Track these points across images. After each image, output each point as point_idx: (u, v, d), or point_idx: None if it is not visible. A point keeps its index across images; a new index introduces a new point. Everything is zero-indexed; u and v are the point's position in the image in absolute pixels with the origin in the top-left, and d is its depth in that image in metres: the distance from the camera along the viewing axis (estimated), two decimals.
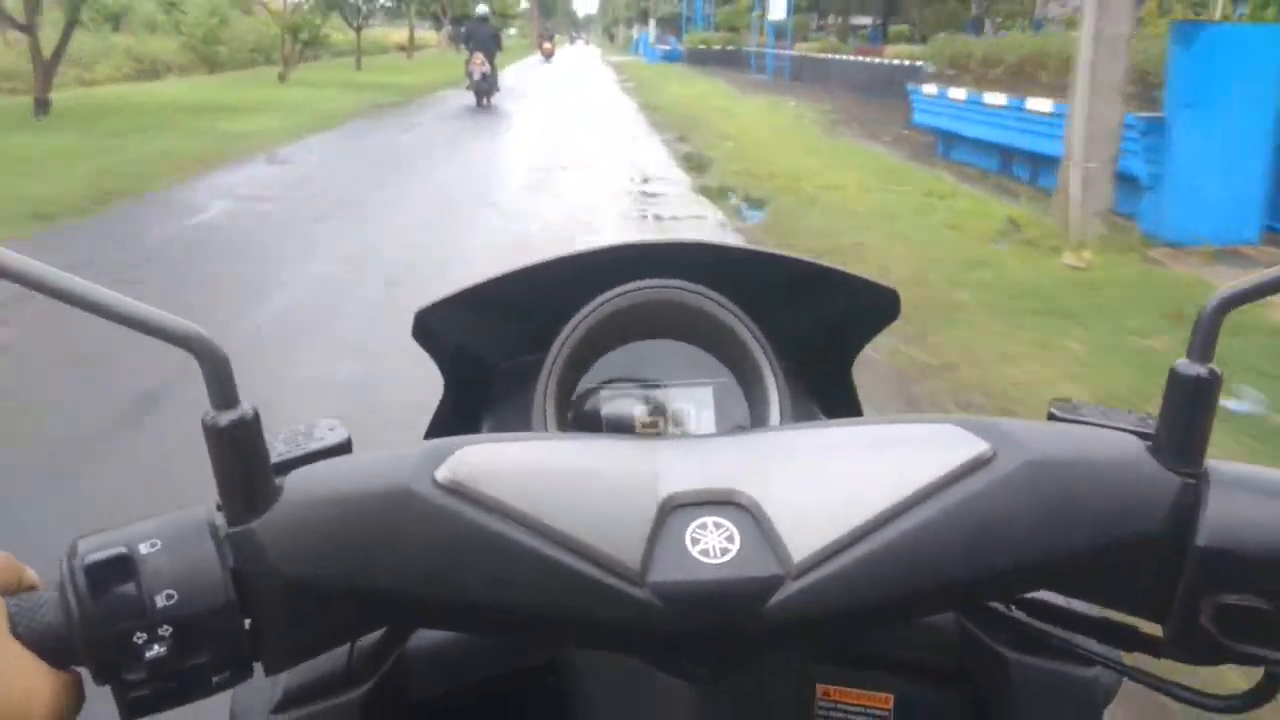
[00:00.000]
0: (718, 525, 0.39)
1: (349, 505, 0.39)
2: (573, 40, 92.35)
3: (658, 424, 0.67)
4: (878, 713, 0.56)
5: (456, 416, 0.71)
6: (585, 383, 0.66)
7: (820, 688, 0.56)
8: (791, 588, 0.38)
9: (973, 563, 0.38)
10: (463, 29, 17.88)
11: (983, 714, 0.55)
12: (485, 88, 15.15)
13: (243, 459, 0.38)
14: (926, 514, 0.38)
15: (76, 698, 0.38)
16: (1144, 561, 0.40)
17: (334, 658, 0.50)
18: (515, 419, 0.65)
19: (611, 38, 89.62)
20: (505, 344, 0.71)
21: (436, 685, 0.55)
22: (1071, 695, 0.52)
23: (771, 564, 0.38)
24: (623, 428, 0.66)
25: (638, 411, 0.67)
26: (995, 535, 0.38)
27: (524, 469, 0.40)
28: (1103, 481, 0.39)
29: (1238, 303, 0.39)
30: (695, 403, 0.67)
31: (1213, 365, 0.39)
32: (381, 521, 0.38)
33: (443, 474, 0.39)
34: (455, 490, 0.38)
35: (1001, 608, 0.51)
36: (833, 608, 0.38)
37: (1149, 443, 0.41)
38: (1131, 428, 0.43)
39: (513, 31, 68.08)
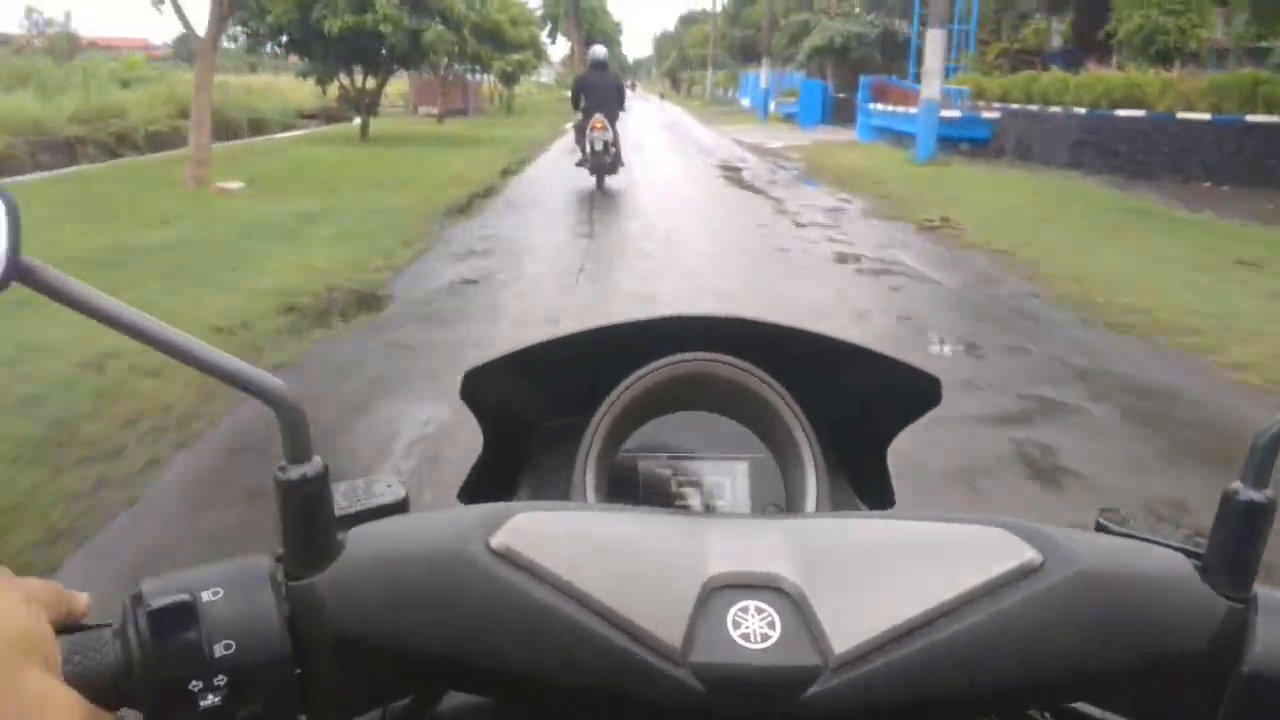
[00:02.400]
0: (759, 610, 0.39)
1: (408, 566, 0.39)
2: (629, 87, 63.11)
3: (692, 497, 0.67)
4: None
5: (493, 474, 0.72)
6: (624, 450, 0.67)
7: None
8: (831, 680, 0.38)
9: (1015, 672, 0.38)
10: (576, 80, 11.57)
11: None
12: (605, 162, 10.21)
13: (309, 514, 0.39)
14: (972, 620, 0.38)
15: None
16: (1187, 683, 0.40)
17: (367, 716, 0.50)
18: (553, 480, 0.66)
19: (676, 84, 77.60)
20: (547, 405, 0.72)
21: None
22: None
23: (812, 654, 0.38)
24: (659, 498, 0.66)
25: (674, 483, 0.67)
26: (1040, 646, 0.38)
27: (574, 539, 0.41)
28: (1151, 600, 0.39)
29: None
30: (731, 477, 0.68)
31: (1268, 491, 0.39)
32: (438, 584, 0.39)
33: (498, 540, 0.39)
34: (508, 557, 0.39)
35: (1038, 715, 0.51)
36: (871, 704, 0.38)
37: (1198, 562, 0.41)
38: (1180, 544, 0.43)
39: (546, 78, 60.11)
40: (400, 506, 0.46)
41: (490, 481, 0.72)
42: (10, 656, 0.34)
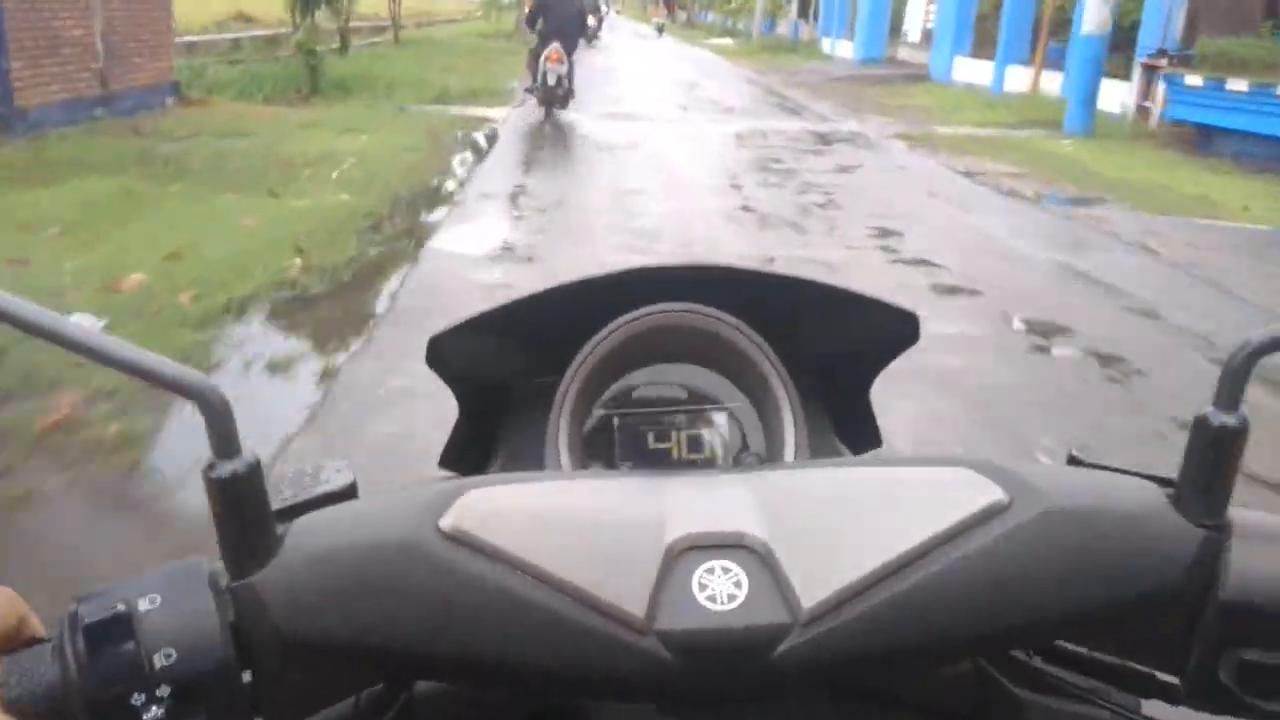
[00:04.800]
0: (725, 570, 0.38)
1: (351, 557, 0.38)
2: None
3: (671, 450, 0.65)
4: None
5: (472, 439, 0.71)
6: (600, 408, 0.66)
7: None
8: (800, 636, 0.37)
9: (986, 614, 0.38)
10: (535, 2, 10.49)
11: None
12: (557, 95, 9.95)
13: (244, 510, 0.38)
14: (939, 564, 0.37)
15: None
16: (1163, 614, 0.39)
17: (338, 707, 0.49)
18: (531, 442, 0.65)
19: (670, 6, 46.51)
20: (521, 366, 0.71)
21: None
22: None
23: (780, 611, 0.37)
24: (637, 453, 0.65)
25: (651, 437, 0.65)
26: (1010, 587, 0.37)
27: (529, 513, 0.40)
28: (1122, 533, 0.39)
29: (1267, 351, 0.38)
30: (710, 427, 0.66)
31: (1240, 414, 0.39)
32: (384, 575, 0.37)
33: (447, 522, 0.38)
34: (459, 539, 0.38)
35: (1021, 654, 0.51)
36: (842, 656, 0.37)
37: (1170, 490, 0.40)
38: (1152, 474, 0.42)
39: None
40: (347, 493, 0.44)
41: (469, 447, 0.71)
42: None
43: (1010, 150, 9.69)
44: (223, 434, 0.37)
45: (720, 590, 0.38)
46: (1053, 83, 13.73)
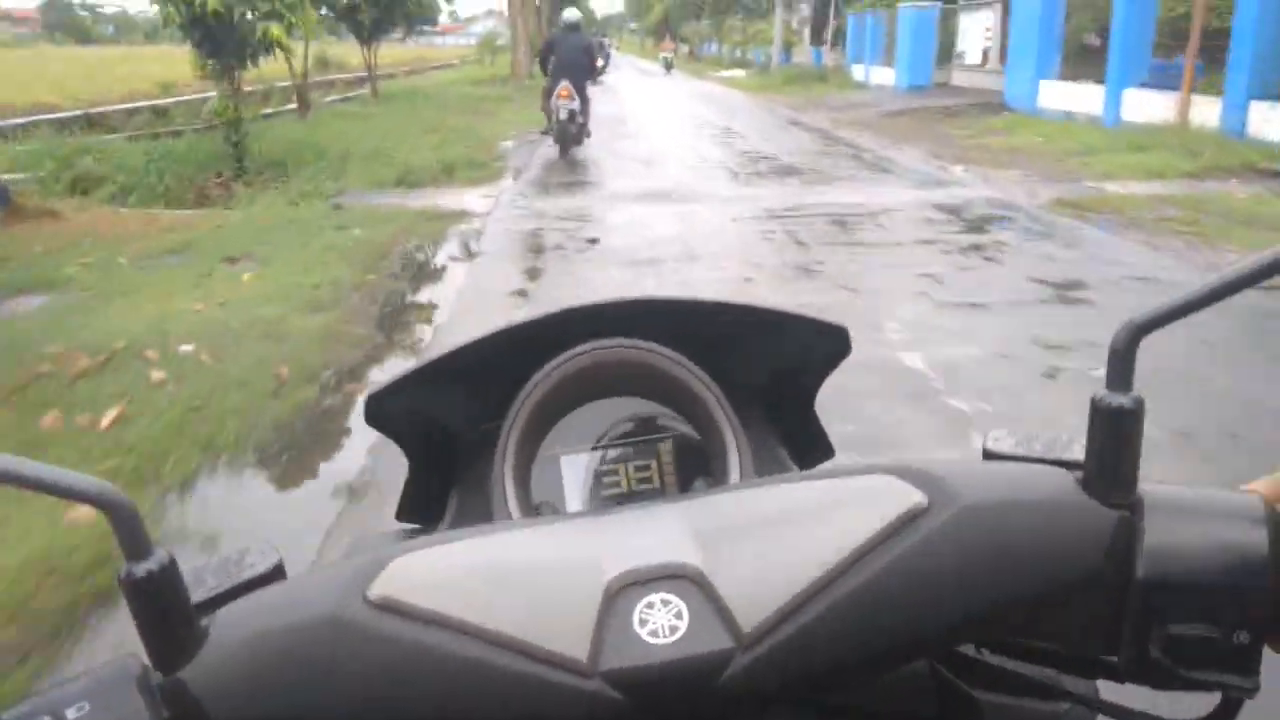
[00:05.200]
0: (665, 602, 0.38)
1: (279, 640, 0.37)
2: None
3: (619, 484, 0.67)
4: None
5: (423, 491, 0.72)
6: (545, 449, 0.66)
7: None
8: (743, 660, 0.37)
9: (919, 617, 0.38)
10: (544, 42, 11.19)
11: None
12: (571, 132, 9.99)
13: (163, 607, 0.37)
14: (867, 572, 0.38)
15: None
16: (1088, 598, 0.39)
17: None
18: (479, 490, 0.65)
19: (673, 38, 45.22)
20: (465, 414, 0.71)
21: None
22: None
23: (722, 637, 0.37)
24: (586, 490, 0.66)
25: (598, 474, 0.67)
26: (937, 587, 0.38)
27: (462, 572, 0.39)
28: (1037, 523, 0.39)
29: (1150, 329, 0.39)
30: (655, 458, 0.68)
31: (1134, 393, 0.40)
32: (313, 653, 0.36)
33: (375, 592, 0.37)
34: (388, 608, 0.37)
35: (970, 650, 0.50)
36: (787, 675, 0.37)
37: (1080, 473, 0.41)
38: (1063, 458, 0.44)
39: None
40: (273, 575, 0.44)
41: (421, 500, 0.72)
42: None
43: None
44: (132, 536, 0.37)
45: (661, 623, 0.37)
46: (1205, 109, 10.39)
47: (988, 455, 0.47)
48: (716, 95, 22.86)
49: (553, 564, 0.39)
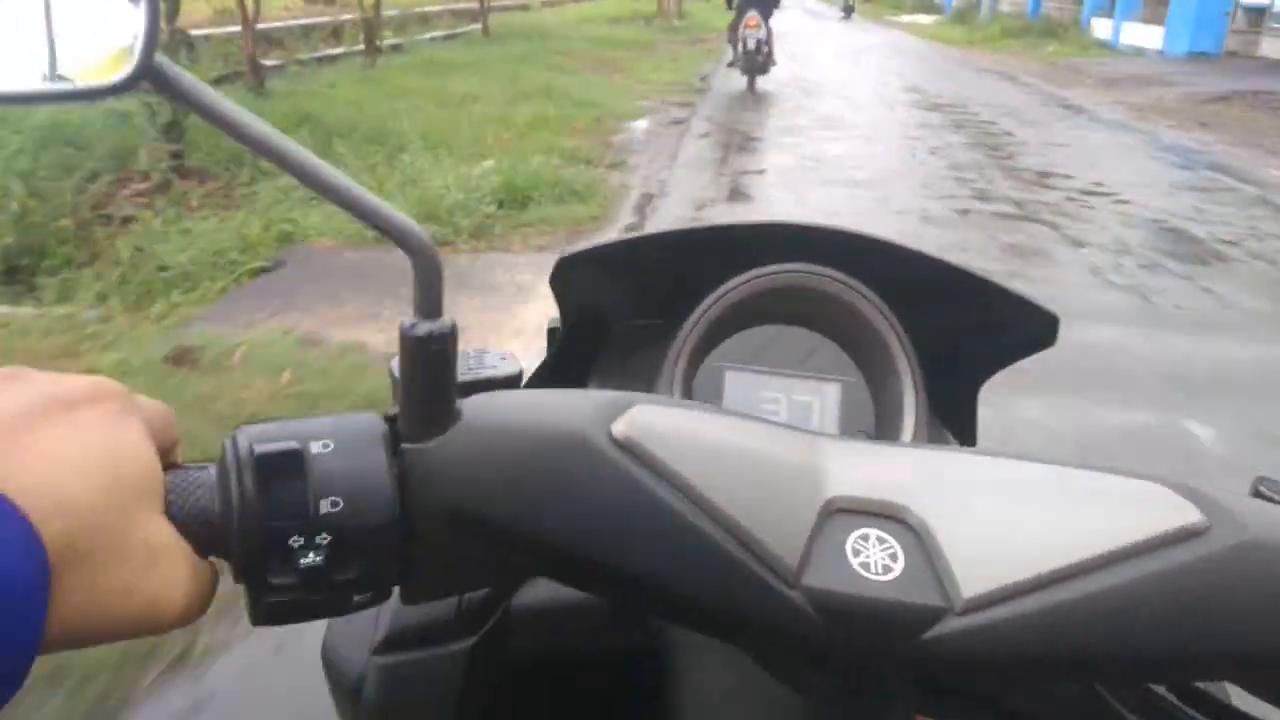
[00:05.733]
0: (881, 540, 0.36)
1: (525, 443, 0.37)
2: None
3: (777, 416, 0.64)
4: None
5: (561, 372, 0.70)
6: (712, 360, 0.65)
7: (919, 718, 0.52)
8: (954, 624, 0.34)
9: (1164, 641, 0.35)
10: None
11: None
12: (758, 61, 10.02)
13: (432, 375, 0.37)
14: (1121, 577, 0.35)
15: (210, 590, 0.35)
16: None
17: (441, 607, 0.50)
18: (625, 383, 0.64)
19: None
20: (628, 305, 0.71)
21: (538, 648, 0.56)
22: None
23: (936, 594, 0.35)
24: (745, 411, 0.57)
25: (758, 399, 0.65)
26: (1197, 617, 0.35)
27: (695, 438, 0.38)
28: None
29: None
30: (820, 397, 0.65)
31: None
32: (554, 466, 0.36)
33: (619, 429, 0.37)
34: (629, 448, 0.36)
35: (1159, 690, 0.48)
36: (995, 655, 0.35)
37: None
38: None
39: None
40: (513, 381, 0.45)
41: (558, 381, 0.70)
42: (127, 494, 0.32)
43: None
44: (430, 293, 0.37)
45: (875, 559, 0.36)
46: None
47: (1259, 497, 0.42)
48: (918, 53, 16.93)
49: (777, 463, 0.38)
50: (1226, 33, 15.16)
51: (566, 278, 0.64)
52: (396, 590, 0.39)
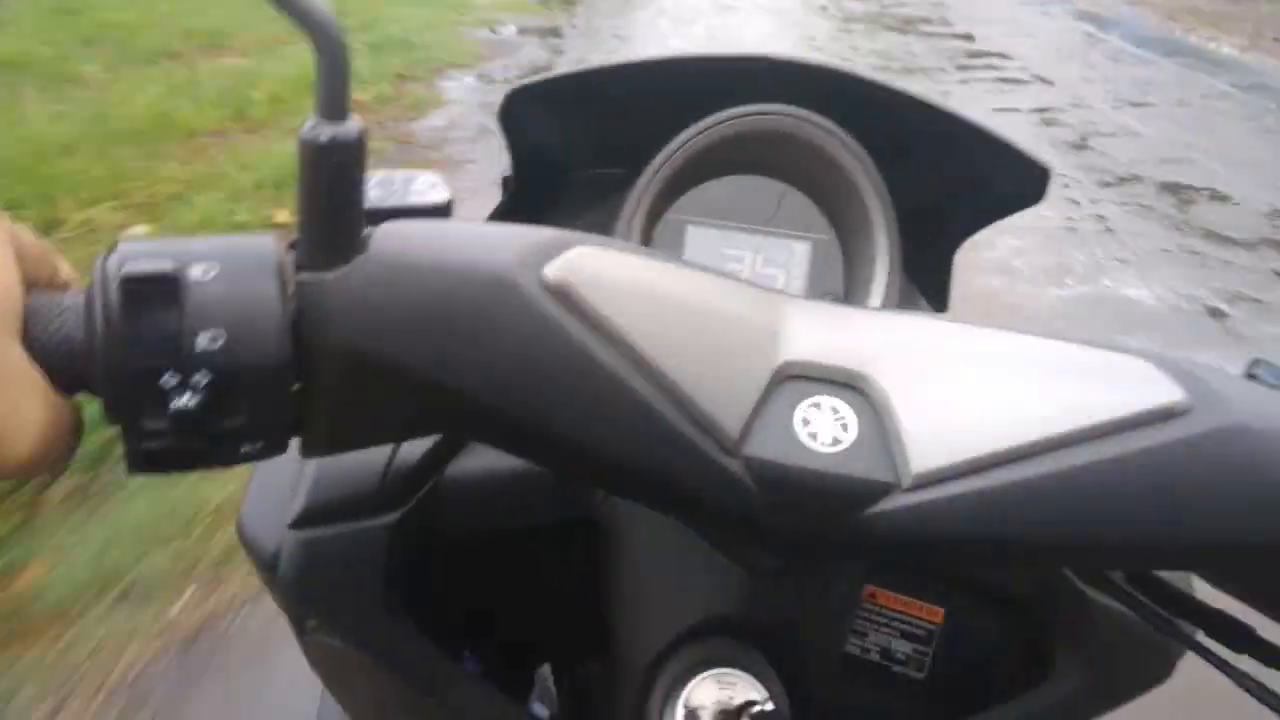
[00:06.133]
0: (834, 410, 0.34)
1: (440, 279, 0.32)
2: None
3: (740, 274, 0.58)
4: (925, 625, 0.53)
5: (514, 219, 0.58)
6: (673, 211, 0.61)
7: (868, 588, 0.52)
8: (900, 500, 0.33)
9: (1135, 525, 0.33)
10: None
11: (1036, 645, 0.51)
12: None
13: (334, 190, 0.31)
14: (1088, 457, 0.32)
15: (73, 431, 0.32)
16: None
17: (364, 478, 0.47)
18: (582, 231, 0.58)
19: None
20: (587, 150, 0.67)
21: (467, 523, 0.53)
22: (1149, 648, 0.49)
23: (884, 468, 0.33)
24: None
25: (721, 255, 0.62)
26: (1166, 502, 0.32)
27: (641, 290, 0.35)
28: None
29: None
30: (788, 255, 0.62)
31: None
32: (476, 308, 0.32)
33: (552, 272, 0.33)
34: (562, 294, 0.33)
35: (1116, 576, 0.46)
36: (942, 535, 0.32)
37: None
38: None
39: None
40: (441, 211, 0.43)
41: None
42: None
43: None
44: (334, 88, 0.31)
45: (823, 429, 0.34)
46: None
47: (1249, 378, 0.39)
48: None
49: (728, 321, 0.35)
50: None
51: (517, 114, 0.59)
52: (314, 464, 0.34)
